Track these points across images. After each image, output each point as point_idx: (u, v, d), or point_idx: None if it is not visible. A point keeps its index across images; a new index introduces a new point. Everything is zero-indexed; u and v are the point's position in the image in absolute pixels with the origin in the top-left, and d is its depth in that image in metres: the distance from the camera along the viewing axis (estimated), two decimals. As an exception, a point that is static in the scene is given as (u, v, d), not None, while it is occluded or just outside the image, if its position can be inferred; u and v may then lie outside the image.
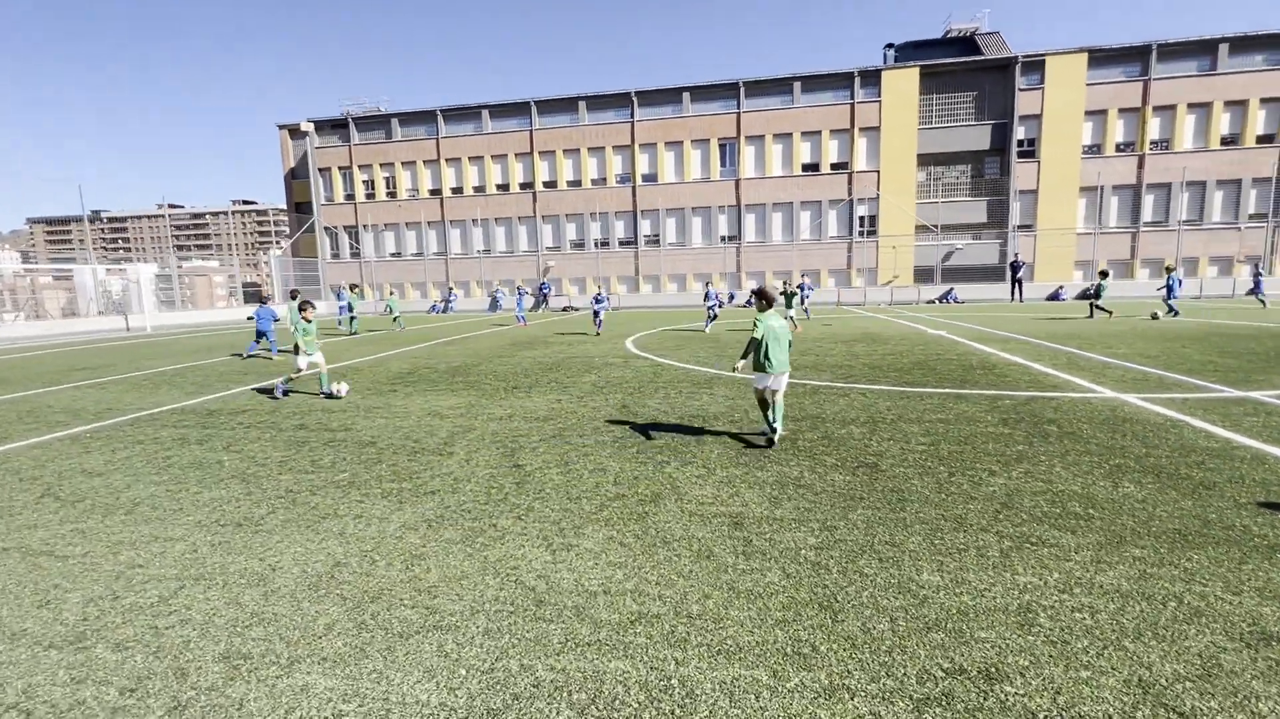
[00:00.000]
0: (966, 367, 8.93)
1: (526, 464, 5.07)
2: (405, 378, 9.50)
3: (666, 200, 37.36)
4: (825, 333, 14.60)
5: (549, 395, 7.77)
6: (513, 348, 13.37)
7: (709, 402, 7.18)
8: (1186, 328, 13.36)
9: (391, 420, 6.68)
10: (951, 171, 35.90)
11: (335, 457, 5.40)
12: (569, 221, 39.12)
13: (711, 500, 4.21)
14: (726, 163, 37.06)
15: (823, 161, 35.68)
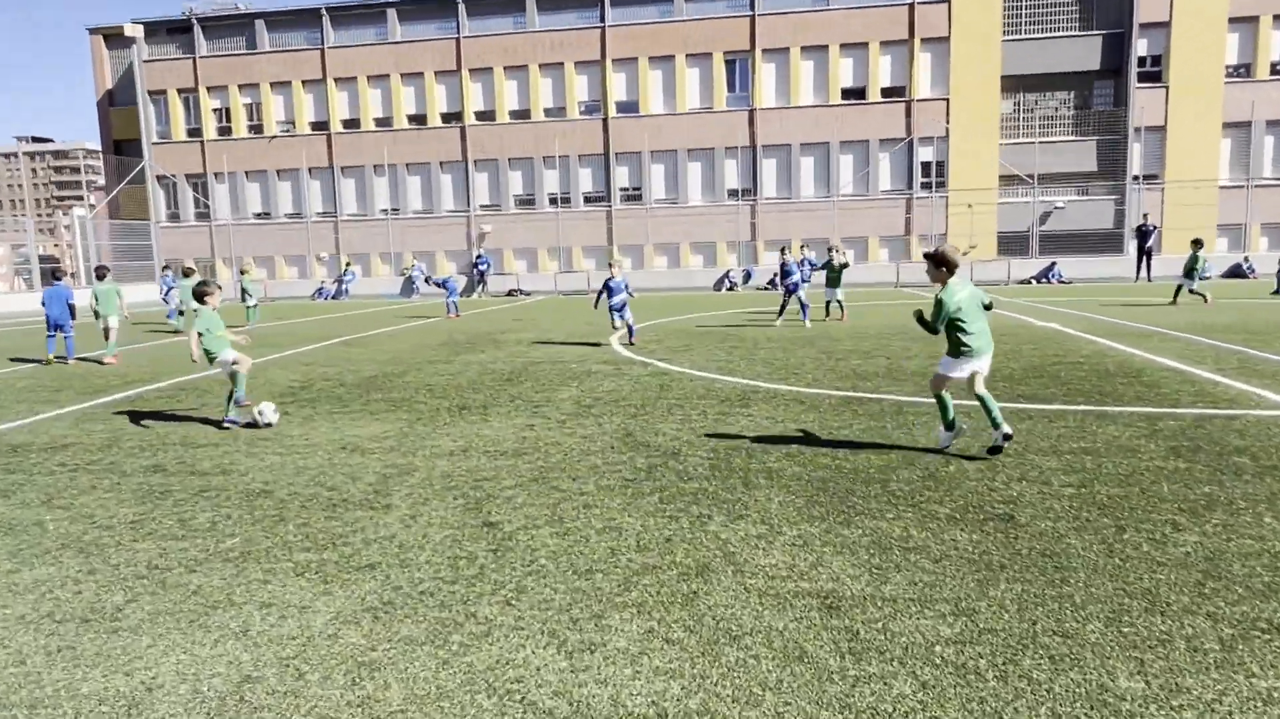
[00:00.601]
0: (1101, 373, 9.00)
1: (502, 522, 4.91)
2: (297, 395, 9.28)
3: (652, 139, 37.43)
4: (890, 325, 14.68)
5: (516, 419, 7.63)
6: (448, 350, 13.20)
7: (749, 426, 7.10)
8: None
9: (289, 458, 6.46)
10: (1049, 101, 36.62)
11: (215, 514, 5.17)
12: (513, 169, 38.98)
13: (785, 572, 4.09)
14: (736, 86, 37.29)
15: (871, 86, 36.12)
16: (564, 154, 37.97)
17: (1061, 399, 7.77)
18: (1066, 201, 35.68)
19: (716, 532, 4.67)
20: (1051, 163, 35.22)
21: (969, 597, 3.79)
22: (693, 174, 37.79)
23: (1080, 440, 6.27)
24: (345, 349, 13.97)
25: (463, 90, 38.54)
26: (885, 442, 6.43)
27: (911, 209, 36.61)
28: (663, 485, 5.52)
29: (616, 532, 4.71)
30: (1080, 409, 7.32)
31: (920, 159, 36.32)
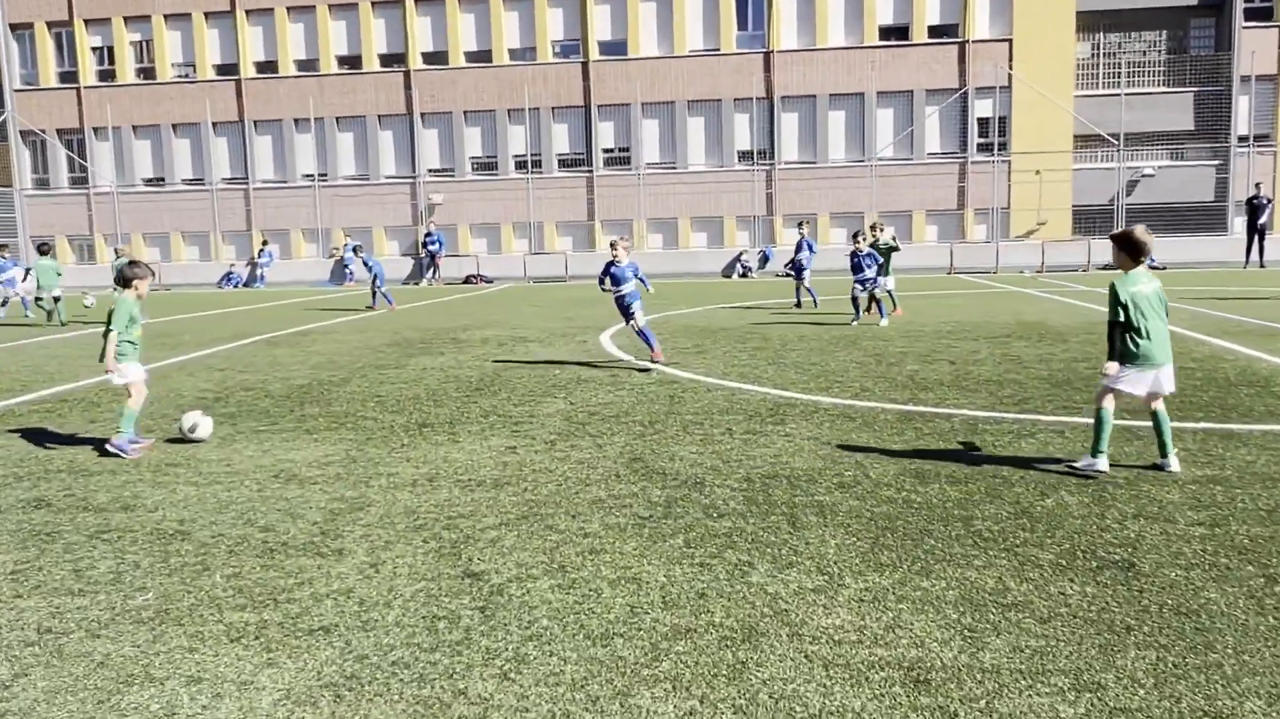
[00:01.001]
0: (1221, 382, 9.04)
1: (488, 571, 4.84)
2: (211, 408, 9.19)
3: (644, 88, 37.44)
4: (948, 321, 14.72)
5: (492, 439, 7.58)
6: (398, 351, 13.15)
7: (788, 448, 7.07)
8: None
9: (207, 489, 6.37)
10: (1134, 44, 36.94)
11: (119, 562, 5.07)
12: (470, 125, 38.92)
13: (855, 636, 4.03)
14: (749, 23, 37.40)
15: (916, 23, 36.30)
16: (534, 106, 37.93)
17: (1174, 414, 7.76)
18: (1157, 168, 35.97)
19: (762, 584, 4.61)
20: (1138, 120, 35.47)
21: (1091, 667, 3.74)
22: (694, 132, 37.82)
23: (1205, 467, 6.26)
24: (268, 349, 13.86)
25: (407, 25, 38.44)
26: (961, 469, 6.40)
27: (966, 177, 36.80)
28: (687, 524, 5.46)
29: (635, 584, 4.64)
30: (1200, 427, 7.33)
31: (976, 115, 36.51)
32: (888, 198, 36.64)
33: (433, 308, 21.35)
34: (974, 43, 36.02)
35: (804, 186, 37.21)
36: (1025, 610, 4.25)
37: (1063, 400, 8.47)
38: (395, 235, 39.40)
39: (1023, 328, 13.95)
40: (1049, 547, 4.99)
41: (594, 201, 38.15)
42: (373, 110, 39.10)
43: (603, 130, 38.21)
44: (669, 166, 37.91)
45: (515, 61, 38.32)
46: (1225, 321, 13.97)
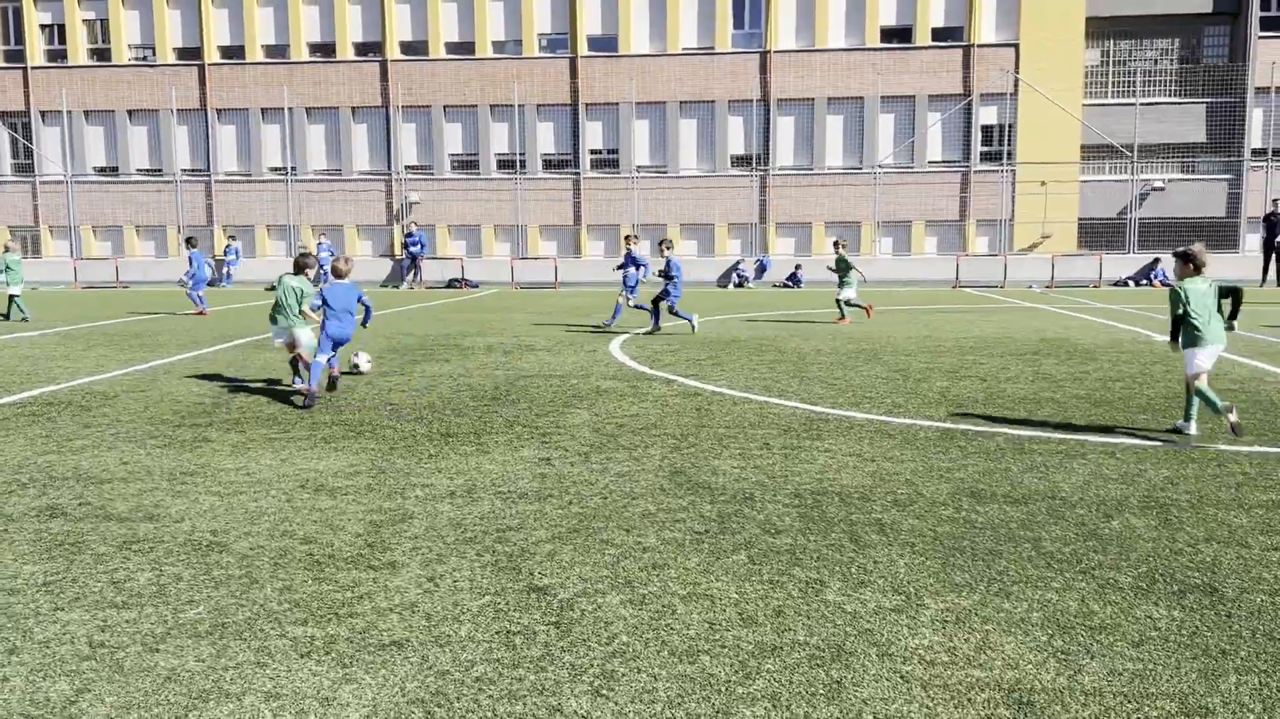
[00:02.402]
0: (1265, 404, 9.29)
1: (553, 585, 4.92)
2: (212, 414, 9.23)
3: (635, 87, 37.65)
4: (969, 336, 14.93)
5: (523, 450, 7.67)
6: (399, 358, 13.23)
7: (831, 464, 7.20)
8: None
9: (232, 499, 6.41)
10: (1146, 51, 37.59)
11: (158, 573, 5.11)
12: (450, 120, 38.97)
13: (946, 656, 4.15)
14: (745, 21, 37.73)
15: (919, 26, 36.77)
16: (520, 103, 38.02)
17: (1225, 437, 7.98)
18: (1167, 181, 36.57)
19: (838, 602, 4.72)
20: (1148, 131, 36.10)
21: (1194, 691, 3.87)
22: (686, 135, 38.07)
23: (1268, 491, 6.44)
24: (258, 353, 13.89)
25: (385, 13, 38.48)
26: (1017, 489, 6.54)
27: (968, 186, 37.25)
28: (746, 540, 5.57)
29: (708, 600, 4.74)
30: (1255, 451, 7.52)
31: (981, 122, 37.00)
32: (886, 207, 37.00)
33: (421, 313, 21.37)
34: (979, 47, 36.54)
35: (800, 194, 37.52)
36: (1114, 633, 4.38)
37: (1106, 420, 8.66)
38: (369, 235, 39.32)
39: (1047, 345, 14.18)
40: (1125, 569, 5.13)
41: (580, 205, 38.27)
42: (346, 102, 39.05)
43: (590, 130, 38.36)
44: (659, 170, 38.10)
45: (499, 55, 38.42)
46: (1258, 342, 14.27)
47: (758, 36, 37.52)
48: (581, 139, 38.17)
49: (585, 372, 11.79)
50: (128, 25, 39.96)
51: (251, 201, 39.67)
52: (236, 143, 39.96)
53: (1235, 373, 11.25)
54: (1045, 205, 36.22)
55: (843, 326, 17.85)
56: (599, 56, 37.88)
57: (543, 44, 38.45)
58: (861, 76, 37.02)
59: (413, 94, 38.49)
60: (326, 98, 39.08)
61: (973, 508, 6.15)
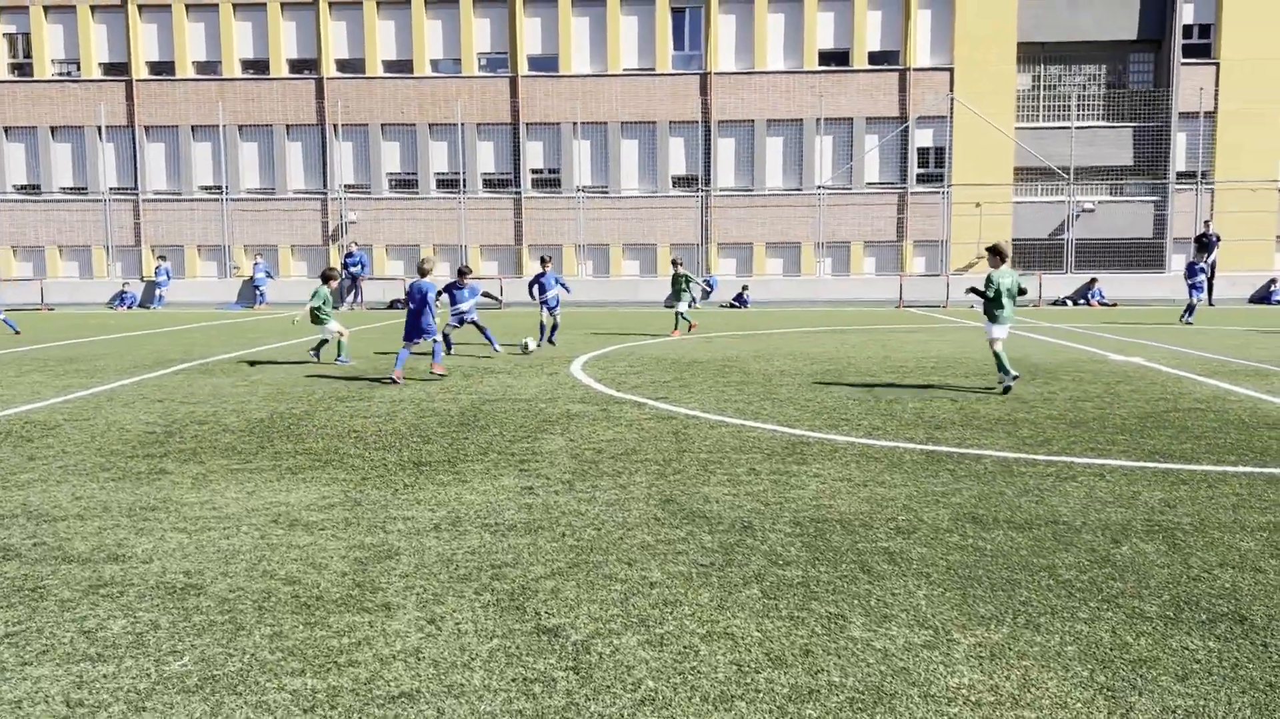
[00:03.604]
0: (1237, 424, 9.35)
1: (563, 625, 4.65)
2: (165, 444, 8.79)
3: (576, 107, 37.52)
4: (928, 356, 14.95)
5: (502, 479, 7.39)
6: (354, 382, 12.78)
7: (824, 490, 7.04)
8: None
9: (201, 535, 6.02)
10: (1075, 77, 38.49)
11: (132, 621, 4.73)
12: (389, 139, 38.42)
13: (990, 696, 3.96)
14: (686, 43, 37.86)
15: (856, 49, 37.22)
16: (458, 121, 37.61)
17: (1208, 458, 7.98)
18: (1096, 203, 37.43)
19: (866, 639, 4.53)
20: (1078, 154, 36.95)
21: (1252, 728, 3.74)
22: (628, 155, 38.01)
23: (1265, 512, 6.41)
24: (204, 378, 13.40)
25: (320, 29, 37.84)
26: (1017, 514, 6.43)
27: (906, 208, 37.72)
28: (756, 573, 5.36)
29: (730, 639, 4.52)
30: (1240, 471, 7.53)
31: (917, 144, 37.54)
32: (826, 228, 37.31)
33: (370, 335, 20.84)
34: (915, 70, 37.09)
35: (741, 214, 37.65)
36: (1156, 667, 4.25)
37: (1088, 442, 8.63)
38: (304, 255, 38.50)
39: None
40: (1148, 598, 5.01)
41: (522, 224, 37.94)
42: (280, 119, 38.27)
43: (532, 150, 38.10)
44: (601, 190, 37.96)
45: (438, 74, 38.00)
46: (1209, 361, 14.53)
47: (697, 58, 37.66)
48: (522, 158, 37.87)
49: (551, 395, 11.53)
50: (50, 39, 38.72)
51: (181, 221, 38.59)
52: (166, 161, 38.89)
53: (1198, 392, 11.37)
54: (980, 226, 36.80)
55: (674, 338, 20.09)
56: (540, 76, 37.68)
57: (482, 63, 38.14)
58: (800, 99, 37.34)
59: (349, 112, 37.86)
60: (260, 115, 38.25)
61: (978, 535, 6.01)
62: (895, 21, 37.17)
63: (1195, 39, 37.10)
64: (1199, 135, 36.86)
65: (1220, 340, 18.57)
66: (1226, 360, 14.52)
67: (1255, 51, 36.06)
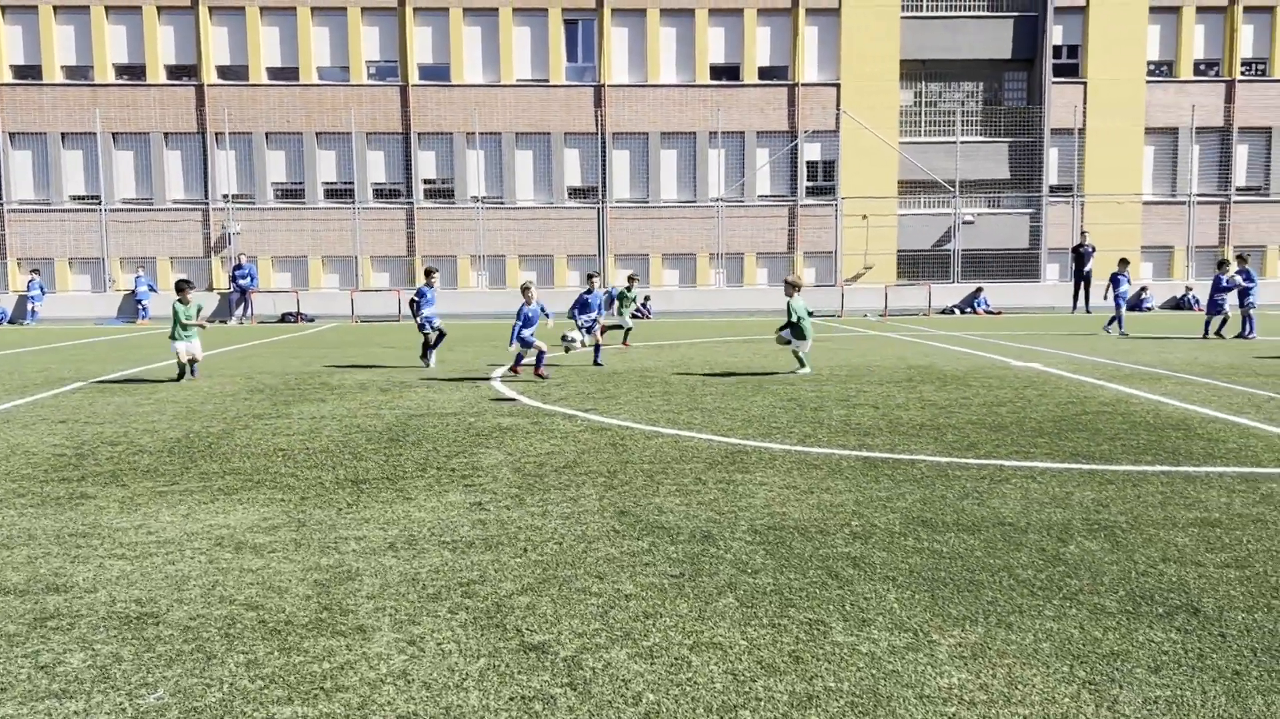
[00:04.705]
0: (1144, 425, 9.81)
1: (549, 642, 4.59)
2: (81, 467, 8.38)
3: (469, 117, 37.18)
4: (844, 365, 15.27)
5: (448, 495, 7.26)
6: (268, 399, 12.49)
7: (774, 498, 7.13)
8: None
9: (144, 562, 5.75)
10: (954, 93, 39.96)
11: (90, 653, 4.48)
12: (273, 147, 37.37)
13: (983, 695, 4.06)
14: (579, 55, 37.93)
15: (746, 64, 37.90)
16: (346, 131, 36.82)
17: (1126, 458, 8.36)
18: (976, 215, 38.90)
19: (851, 643, 4.59)
20: (958, 168, 38.30)
21: (1233, 714, 3.91)
22: (522, 165, 37.84)
23: (1190, 509, 6.74)
24: (104, 397, 12.82)
25: (200, 33, 36.55)
26: (963, 517, 6.60)
27: (796, 220, 38.51)
28: (728, 582, 5.39)
29: (717, 649, 4.52)
30: (1158, 470, 7.90)
31: (806, 158, 38.39)
32: (719, 239, 37.80)
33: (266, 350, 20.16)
34: (803, 86, 37.94)
35: (637, 226, 37.86)
36: (1129, 660, 4.41)
37: (1011, 445, 8.93)
38: (185, 267, 37.07)
39: (917, 372, 14.66)
40: (1105, 594, 5.21)
41: (414, 235, 37.34)
42: (158, 127, 36.84)
43: (424, 160, 37.56)
44: (496, 201, 37.66)
45: (326, 82, 37.16)
46: (1102, 365, 15.23)
47: (591, 70, 37.76)
48: (414, 168, 37.30)
49: (477, 409, 11.36)
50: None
51: (51, 232, 36.76)
52: (33, 169, 36.99)
53: (1101, 396, 11.90)
54: (867, 238, 37.84)
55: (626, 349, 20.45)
56: (431, 85, 37.21)
57: (372, 71, 37.46)
58: (693, 112, 37.79)
59: (232, 120, 36.66)
60: (136, 122, 36.75)
61: (932, 538, 6.15)
62: (784, 38, 37.99)
63: (1064, 59, 38.95)
64: (1070, 151, 38.68)
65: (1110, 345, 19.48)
66: (1119, 365, 15.25)
67: (1118, 72, 38.06)
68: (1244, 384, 12.86)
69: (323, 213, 37.26)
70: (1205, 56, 39.06)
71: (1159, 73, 39.05)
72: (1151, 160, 39.24)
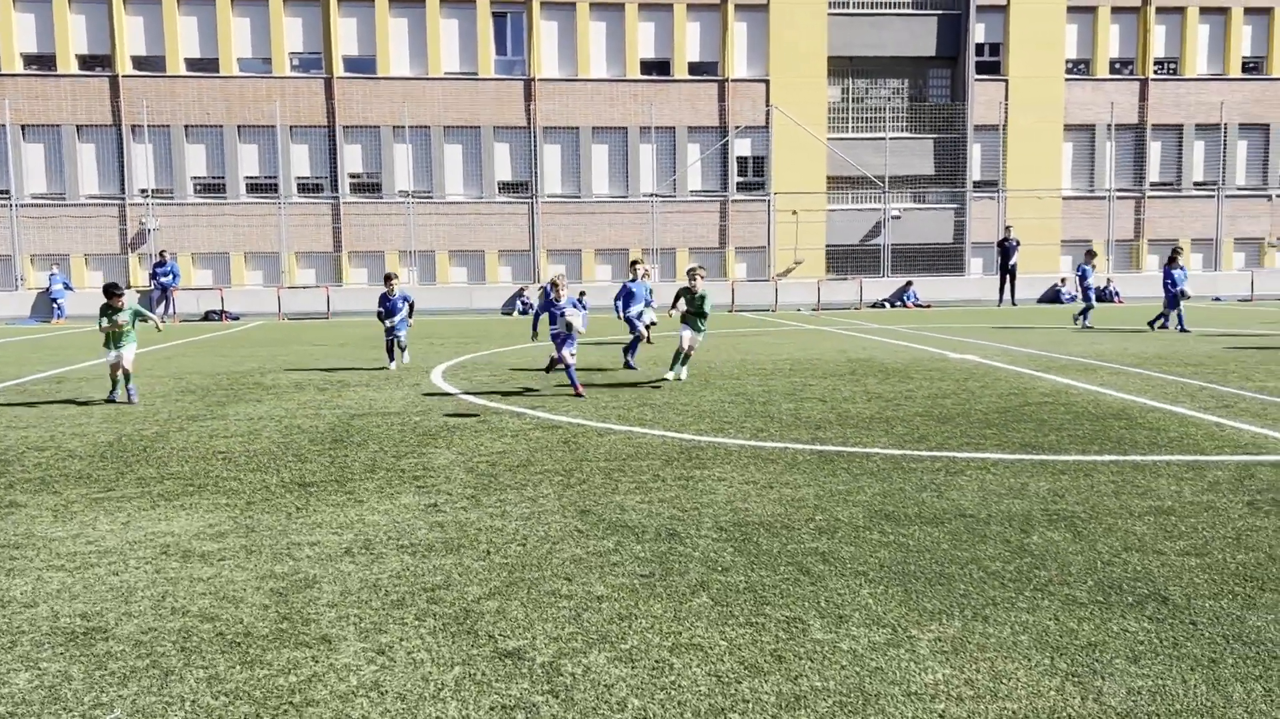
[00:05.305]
0: (1087, 415, 9.99)
1: (524, 648, 4.45)
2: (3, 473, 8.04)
3: (396, 111, 36.54)
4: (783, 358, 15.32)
5: (401, 498, 7.06)
6: (200, 400, 12.09)
7: (734, 494, 7.08)
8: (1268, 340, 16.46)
9: (87, 573, 5.47)
10: (880, 90, 40.46)
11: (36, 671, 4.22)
12: (193, 141, 36.32)
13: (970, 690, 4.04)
14: (508, 48, 37.54)
15: (676, 59, 37.90)
16: (269, 124, 35.94)
17: (1074, 448, 8.48)
18: (902, 210, 39.46)
19: (832, 640, 4.54)
20: (884, 164, 38.79)
21: (1215, 704, 3.94)
22: (452, 160, 37.35)
23: (1143, 498, 6.84)
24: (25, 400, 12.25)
25: (114, 22, 35.33)
26: (924, 510, 6.61)
27: (728, 215, 38.65)
28: (700, 581, 5.30)
29: (699, 650, 4.44)
30: (1107, 460, 8.02)
31: (737, 153, 38.55)
32: (653, 235, 37.77)
33: (193, 349, 19.51)
34: (733, 81, 38.08)
35: (569, 221, 37.63)
36: (1107, 650, 4.43)
37: (960, 437, 9.01)
38: (100, 264, 35.87)
39: (859, 365, 14.75)
40: (1075, 584, 5.24)
41: (340, 231, 36.61)
42: (70, 119, 35.54)
43: (349, 154, 36.85)
44: (425, 196, 37.10)
45: (246, 74, 36.22)
46: (1037, 357, 15.51)
47: (521, 64, 37.42)
48: (340, 162, 36.57)
49: (421, 408, 11.11)
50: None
51: (-46, 228, 35.24)
52: (-64, 163, 35.43)
53: (1041, 387, 12.09)
54: (797, 233, 38.13)
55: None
56: (357, 78, 36.51)
57: (295, 63, 36.63)
58: (624, 107, 37.67)
59: (151, 112, 35.52)
60: (46, 114, 35.41)
61: (896, 532, 6.14)
62: (713, 33, 38.07)
63: (987, 56, 39.70)
64: (993, 147, 39.45)
65: (1042, 337, 19.87)
66: (1052, 356, 15.54)
67: (1038, 70, 38.90)
68: (1175, 374, 13.19)
69: (245, 208, 36.33)
70: (1120, 55, 40.16)
71: (1077, 71, 40.03)
72: (1070, 156, 40.22)
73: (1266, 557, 5.62)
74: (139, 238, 35.80)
